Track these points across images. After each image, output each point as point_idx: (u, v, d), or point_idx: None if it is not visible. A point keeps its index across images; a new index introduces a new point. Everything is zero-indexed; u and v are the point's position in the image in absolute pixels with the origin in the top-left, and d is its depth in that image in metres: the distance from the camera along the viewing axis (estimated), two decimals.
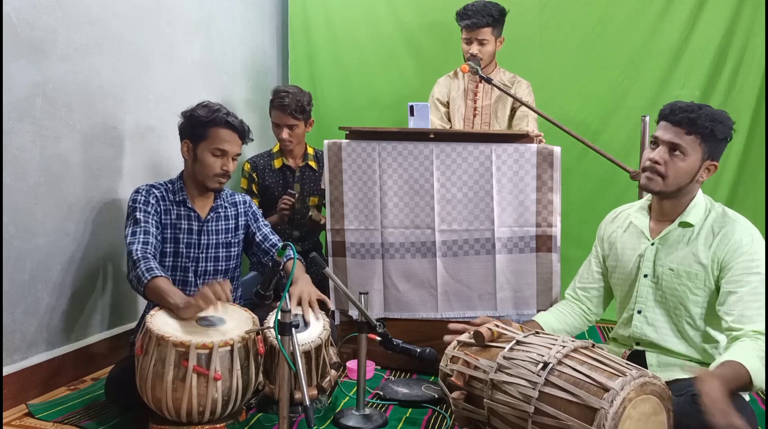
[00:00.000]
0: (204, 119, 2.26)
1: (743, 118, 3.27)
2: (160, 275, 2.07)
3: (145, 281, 2.05)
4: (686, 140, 1.81)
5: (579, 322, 2.15)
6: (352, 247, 2.62)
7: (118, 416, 2.12)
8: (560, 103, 3.46)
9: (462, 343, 1.86)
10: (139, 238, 2.18)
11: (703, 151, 1.82)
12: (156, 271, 2.08)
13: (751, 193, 3.29)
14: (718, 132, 1.80)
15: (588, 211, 3.43)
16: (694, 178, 1.85)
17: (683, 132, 1.80)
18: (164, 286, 2.04)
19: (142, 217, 2.23)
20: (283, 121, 3.03)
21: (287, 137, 3.05)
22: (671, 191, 1.87)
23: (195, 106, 2.31)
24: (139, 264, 2.09)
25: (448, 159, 2.53)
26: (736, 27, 3.25)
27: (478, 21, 3.02)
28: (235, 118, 2.31)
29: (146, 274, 2.06)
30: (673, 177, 1.83)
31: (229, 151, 2.28)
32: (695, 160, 1.82)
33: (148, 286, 2.05)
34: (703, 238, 1.87)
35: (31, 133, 2.24)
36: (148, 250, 2.15)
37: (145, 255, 2.13)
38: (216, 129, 2.27)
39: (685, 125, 1.80)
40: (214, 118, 2.26)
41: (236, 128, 2.30)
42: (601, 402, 1.46)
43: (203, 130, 2.27)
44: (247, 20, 3.62)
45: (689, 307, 1.88)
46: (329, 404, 2.26)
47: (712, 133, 1.79)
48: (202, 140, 2.27)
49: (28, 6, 2.21)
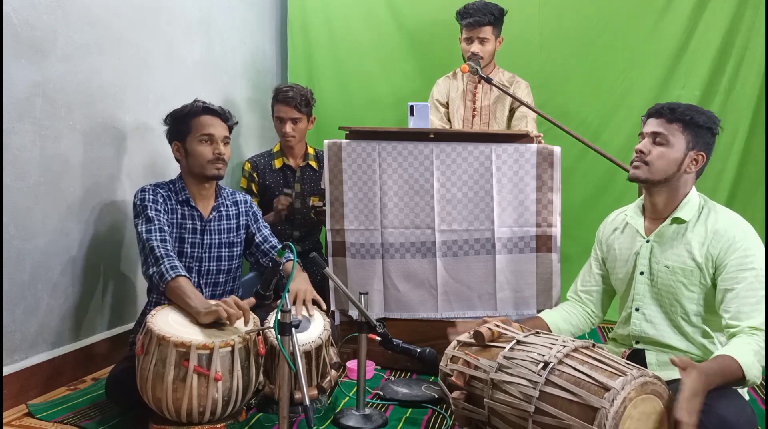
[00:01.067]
0: (183, 113, 2.32)
1: (743, 118, 3.27)
2: (183, 274, 2.09)
3: (168, 278, 2.06)
4: (667, 128, 1.89)
5: (583, 324, 2.16)
6: (352, 247, 2.62)
7: (118, 416, 2.12)
8: (560, 103, 3.47)
9: (462, 342, 1.86)
10: (156, 235, 2.18)
11: (687, 140, 1.88)
12: (180, 270, 2.09)
13: (751, 193, 3.29)
14: (699, 120, 1.87)
15: (588, 211, 3.44)
16: (681, 168, 1.89)
17: (664, 121, 1.89)
18: (187, 288, 2.06)
19: (154, 214, 2.23)
20: (288, 114, 3.04)
21: (290, 131, 3.05)
22: (658, 180, 1.91)
23: (171, 111, 2.37)
24: (163, 261, 2.10)
25: (448, 159, 2.53)
26: (736, 27, 3.25)
27: (479, 19, 3.03)
28: (212, 104, 2.35)
29: (171, 271, 2.08)
30: (657, 163, 1.89)
31: (216, 134, 2.30)
32: (679, 147, 1.88)
33: (170, 284, 2.06)
34: (697, 235, 1.88)
35: (31, 133, 2.24)
36: (169, 248, 2.17)
37: (168, 252, 2.14)
38: (197, 118, 2.31)
39: (666, 114, 1.89)
40: (192, 109, 2.32)
41: (216, 112, 2.34)
42: (601, 401, 1.46)
43: (185, 124, 2.31)
44: (247, 20, 3.62)
45: (684, 303, 1.89)
46: (329, 404, 2.26)
47: (692, 120, 1.87)
48: (188, 134, 2.30)
49: (28, 6, 2.21)
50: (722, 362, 1.63)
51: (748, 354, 1.65)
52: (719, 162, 3.31)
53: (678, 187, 1.92)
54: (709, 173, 3.30)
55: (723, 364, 1.62)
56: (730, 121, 3.29)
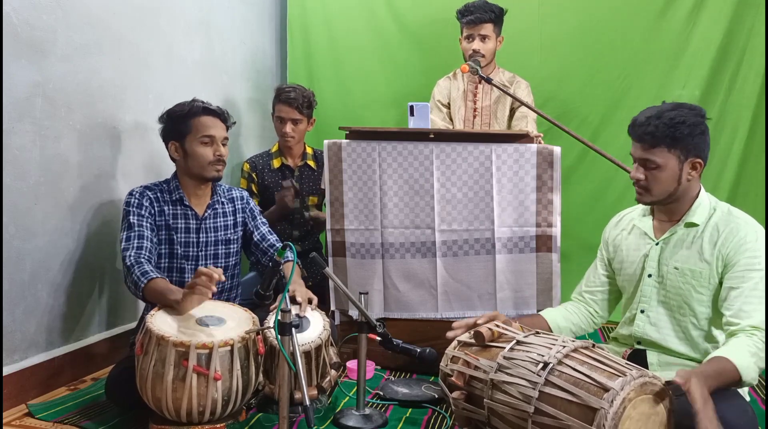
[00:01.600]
0: (182, 113, 2.30)
1: (743, 118, 3.27)
2: (156, 277, 2.07)
3: (142, 285, 2.06)
4: (654, 153, 1.83)
5: (585, 324, 2.15)
6: (352, 247, 2.61)
7: (118, 416, 2.12)
8: (560, 103, 3.47)
9: (462, 343, 1.86)
10: (133, 243, 2.18)
11: (677, 155, 1.82)
12: (151, 274, 2.08)
13: (751, 193, 3.28)
14: (682, 132, 1.79)
15: (588, 211, 3.44)
16: (681, 181, 1.85)
17: (648, 146, 1.83)
18: (162, 286, 2.05)
19: (136, 220, 2.23)
20: (288, 114, 3.05)
21: (290, 131, 3.06)
22: (663, 199, 1.89)
23: (168, 109, 2.34)
24: (134, 269, 2.09)
25: (448, 159, 2.53)
26: (736, 26, 3.25)
27: (480, 16, 3.03)
28: (210, 104, 2.34)
29: (142, 278, 2.07)
30: (657, 188, 1.86)
31: (216, 135, 2.30)
32: (671, 165, 1.83)
33: (145, 289, 2.05)
34: (708, 236, 1.87)
35: (31, 133, 2.24)
36: (141, 255, 2.15)
37: (138, 260, 2.13)
38: (196, 119, 2.29)
39: (647, 140, 1.83)
40: (192, 109, 2.30)
41: (216, 113, 2.33)
42: (601, 402, 1.46)
43: (184, 124, 2.29)
44: (247, 20, 3.62)
45: (694, 306, 1.88)
46: (329, 404, 2.26)
47: (674, 137, 1.80)
48: (188, 134, 2.29)
49: (28, 6, 2.21)
50: (717, 365, 1.62)
51: (745, 355, 1.64)
52: (719, 162, 3.31)
53: (685, 193, 1.90)
54: (709, 173, 3.31)
55: (718, 367, 1.61)
56: (731, 120, 3.29)
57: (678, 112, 1.81)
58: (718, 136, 3.31)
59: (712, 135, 3.48)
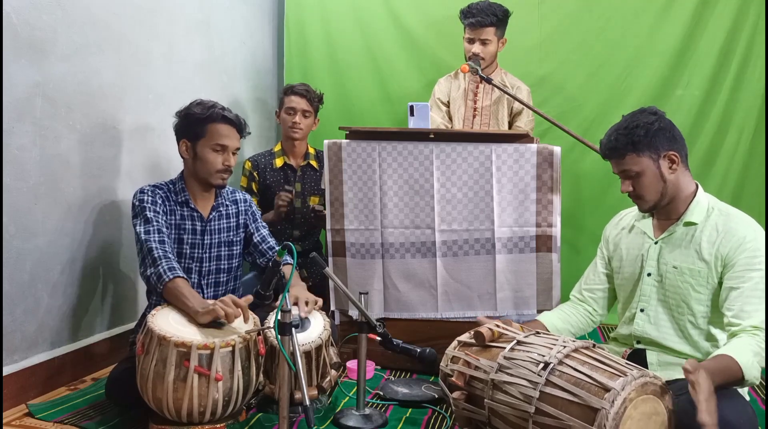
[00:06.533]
0: (201, 116, 2.27)
1: (749, 117, 3.25)
2: (181, 276, 2.08)
3: (166, 279, 2.06)
4: (626, 163, 1.89)
5: (583, 323, 2.16)
6: (352, 247, 2.62)
7: (118, 416, 2.12)
8: (560, 103, 3.46)
9: (462, 343, 1.86)
10: (155, 236, 2.17)
11: (648, 156, 1.87)
12: (177, 271, 2.09)
13: (756, 193, 3.25)
14: (639, 136, 1.85)
15: (588, 211, 3.44)
16: (664, 178, 1.89)
17: (619, 158, 1.91)
18: (184, 289, 2.05)
19: (153, 216, 2.22)
20: (300, 105, 3.08)
21: (299, 121, 3.08)
22: (660, 201, 1.93)
23: (189, 104, 2.31)
24: (161, 262, 2.10)
25: (448, 159, 2.53)
26: (739, 26, 3.23)
27: (482, 20, 3.02)
28: (230, 112, 2.32)
29: (168, 272, 2.07)
30: (647, 192, 1.91)
31: (229, 145, 2.29)
32: (648, 167, 1.88)
33: (168, 285, 2.05)
34: (707, 235, 1.88)
35: (31, 133, 2.24)
36: (167, 249, 2.16)
37: (165, 253, 2.13)
38: (214, 125, 2.27)
39: (615, 155, 1.92)
40: (211, 114, 2.27)
41: (233, 122, 2.30)
42: (602, 402, 1.46)
43: (201, 127, 2.27)
44: (247, 20, 3.62)
45: (692, 305, 1.88)
46: (329, 404, 2.26)
47: (634, 142, 1.86)
48: (201, 138, 2.27)
49: (28, 6, 2.21)
50: (722, 362, 1.63)
51: (748, 354, 1.65)
52: (725, 161, 3.30)
53: (676, 189, 1.91)
54: (715, 172, 3.31)
55: (723, 364, 1.62)
56: (736, 120, 3.27)
57: (631, 120, 1.90)
58: (722, 136, 3.31)
59: (716, 135, 3.47)
